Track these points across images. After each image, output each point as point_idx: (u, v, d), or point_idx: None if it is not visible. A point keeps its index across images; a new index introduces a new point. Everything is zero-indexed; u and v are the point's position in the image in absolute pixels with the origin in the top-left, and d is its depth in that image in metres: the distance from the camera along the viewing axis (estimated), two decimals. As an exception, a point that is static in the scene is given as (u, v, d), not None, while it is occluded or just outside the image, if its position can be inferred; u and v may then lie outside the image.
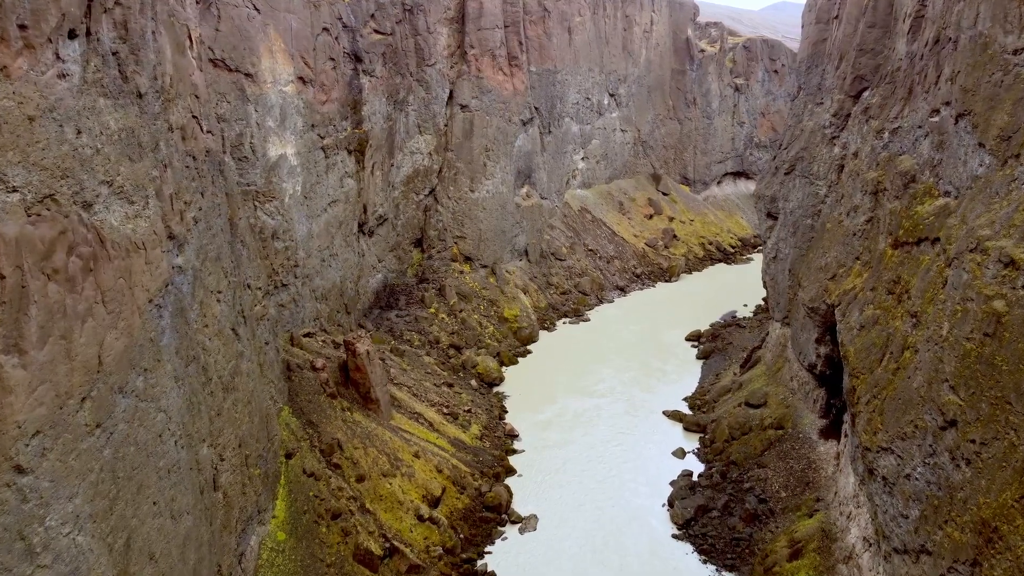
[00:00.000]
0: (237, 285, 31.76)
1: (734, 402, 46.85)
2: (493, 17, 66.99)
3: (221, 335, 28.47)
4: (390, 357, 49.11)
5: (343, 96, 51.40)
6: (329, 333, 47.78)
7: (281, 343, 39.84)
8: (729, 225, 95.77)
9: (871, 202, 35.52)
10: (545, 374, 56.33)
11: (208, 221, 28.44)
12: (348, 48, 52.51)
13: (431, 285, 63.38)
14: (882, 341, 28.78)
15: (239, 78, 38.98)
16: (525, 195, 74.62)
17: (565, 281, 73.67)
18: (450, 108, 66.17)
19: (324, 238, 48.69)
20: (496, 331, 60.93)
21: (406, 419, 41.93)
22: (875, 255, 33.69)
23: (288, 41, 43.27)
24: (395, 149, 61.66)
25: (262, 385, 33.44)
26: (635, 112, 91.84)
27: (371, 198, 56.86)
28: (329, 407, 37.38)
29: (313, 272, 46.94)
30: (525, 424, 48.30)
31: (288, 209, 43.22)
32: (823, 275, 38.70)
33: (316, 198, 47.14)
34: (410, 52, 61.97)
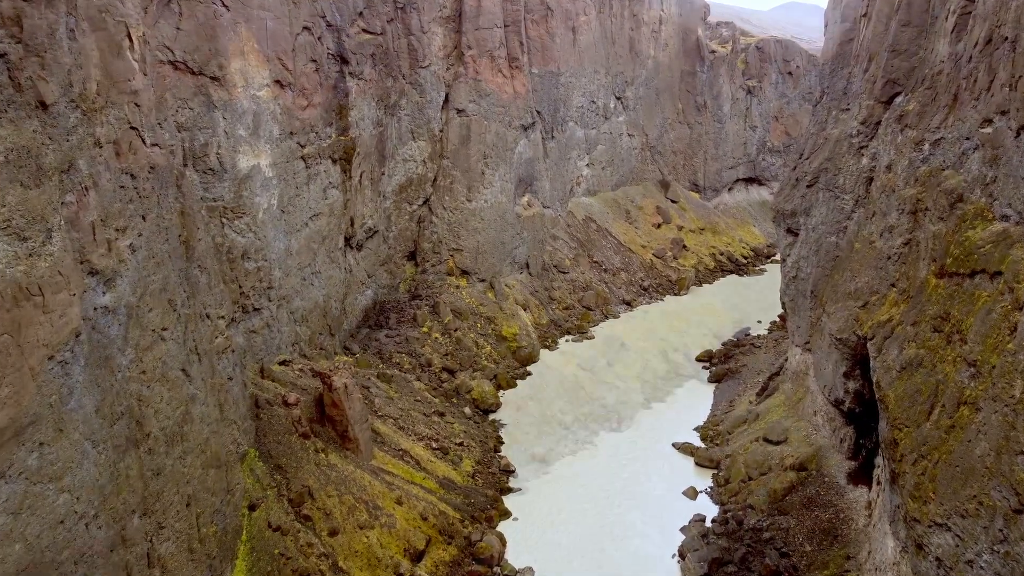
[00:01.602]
0: (191, 318, 27.96)
1: (750, 436, 42.85)
2: (492, 16, 63.17)
3: (165, 379, 24.66)
4: (376, 384, 45.29)
5: (327, 101, 47.63)
6: (309, 359, 43.99)
7: (250, 376, 36.06)
8: (741, 234, 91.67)
9: (909, 222, 31.51)
10: (545, 400, 52.41)
11: (151, 248, 24.62)
12: (333, 49, 48.72)
13: (424, 302, 59.55)
14: (929, 389, 24.80)
15: (204, 82, 35.22)
16: (526, 204, 70.80)
17: (568, 295, 69.77)
18: (446, 113, 62.38)
19: (305, 255, 44.91)
20: (493, 351, 57.06)
21: (390, 458, 38.07)
22: (915, 283, 29.69)
23: (263, 41, 39.49)
24: (386, 157, 57.89)
25: (222, 428, 29.64)
26: (643, 116, 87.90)
27: (359, 210, 53.05)
28: (301, 449, 33.58)
29: (292, 293, 43.15)
30: (522, 457, 44.43)
31: (262, 225, 39.44)
32: (852, 302, 34.70)
33: (295, 212, 43.36)
34: (403, 53, 58.19)
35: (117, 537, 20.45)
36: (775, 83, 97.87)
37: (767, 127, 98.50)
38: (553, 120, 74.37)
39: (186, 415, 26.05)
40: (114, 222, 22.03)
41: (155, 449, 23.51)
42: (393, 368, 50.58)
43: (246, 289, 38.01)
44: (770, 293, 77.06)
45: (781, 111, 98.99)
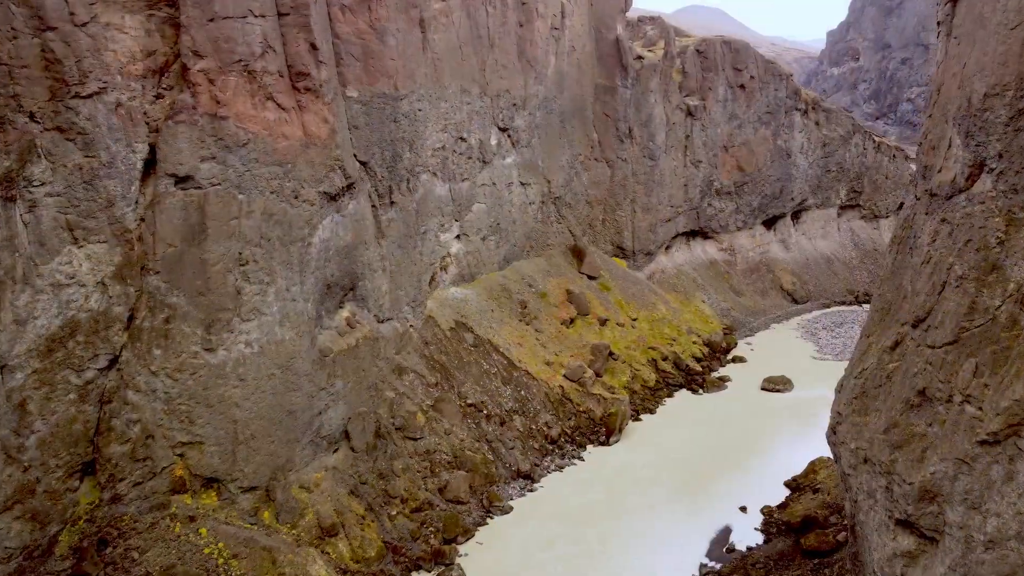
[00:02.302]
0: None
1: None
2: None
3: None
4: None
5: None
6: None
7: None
8: (688, 318, 64.06)
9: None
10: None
11: None
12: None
13: (116, 570, 29.13)
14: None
15: None
16: (344, 326, 40.83)
17: (421, 483, 40.21)
18: (150, 185, 31.89)
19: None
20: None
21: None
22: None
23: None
24: (6, 283, 27.06)
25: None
26: (541, 154, 59.13)
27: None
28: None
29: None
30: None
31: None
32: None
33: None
34: (33, 67, 27.57)
35: None
36: (723, 100, 70.91)
37: (714, 161, 71.44)
38: (392, 174, 44.67)
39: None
40: None
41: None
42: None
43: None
44: (749, 423, 49.71)
45: (731, 138, 72.12)
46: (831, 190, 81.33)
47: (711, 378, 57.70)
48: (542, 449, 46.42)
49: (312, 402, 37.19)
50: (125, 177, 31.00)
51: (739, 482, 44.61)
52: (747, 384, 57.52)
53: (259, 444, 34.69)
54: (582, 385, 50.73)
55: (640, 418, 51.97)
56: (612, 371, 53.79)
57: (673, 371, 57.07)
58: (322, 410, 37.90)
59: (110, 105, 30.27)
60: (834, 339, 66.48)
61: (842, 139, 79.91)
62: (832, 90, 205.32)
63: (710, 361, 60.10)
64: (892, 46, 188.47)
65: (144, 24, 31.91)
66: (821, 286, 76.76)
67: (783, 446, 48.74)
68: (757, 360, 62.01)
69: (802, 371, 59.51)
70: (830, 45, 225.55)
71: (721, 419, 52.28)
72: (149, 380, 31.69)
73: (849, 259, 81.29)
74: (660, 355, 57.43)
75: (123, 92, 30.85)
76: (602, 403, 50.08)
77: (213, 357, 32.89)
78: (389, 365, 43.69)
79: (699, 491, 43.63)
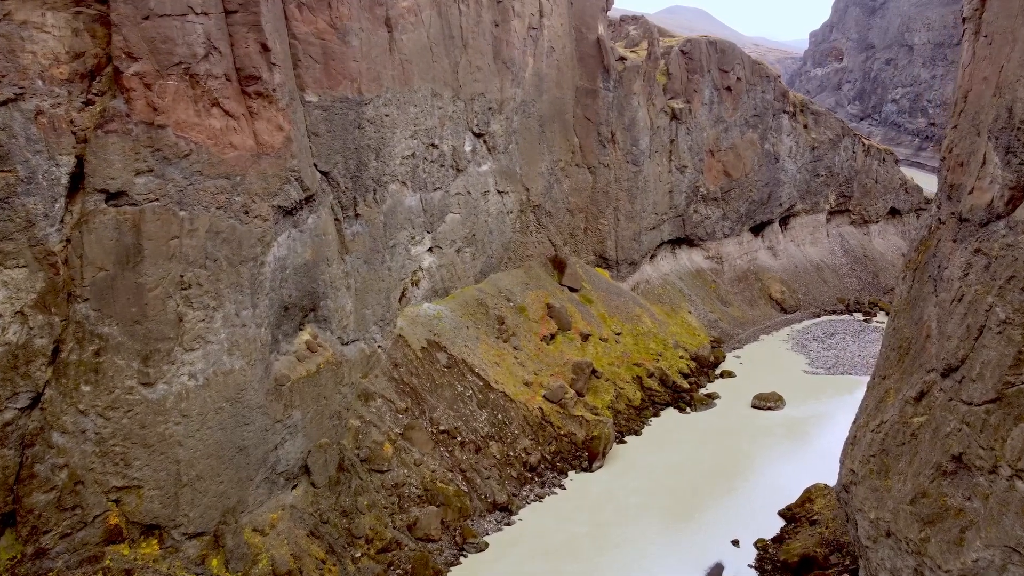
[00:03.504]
0: None
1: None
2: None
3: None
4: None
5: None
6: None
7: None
8: (674, 331, 61.26)
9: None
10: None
11: None
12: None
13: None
14: None
15: None
16: (302, 351, 37.62)
17: (388, 520, 37.11)
18: (78, 202, 28.59)
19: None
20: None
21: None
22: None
23: None
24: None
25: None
26: (520, 161, 56.18)
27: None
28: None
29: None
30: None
31: None
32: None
33: None
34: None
35: None
36: (709, 103, 68.25)
37: (700, 166, 68.78)
38: (357, 185, 41.51)
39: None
40: None
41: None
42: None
43: None
44: (738, 443, 46.97)
45: (717, 142, 69.49)
46: (820, 195, 78.87)
47: (699, 395, 54.91)
48: (520, 477, 43.43)
49: (266, 436, 33.98)
50: (48, 194, 27.68)
51: (731, 510, 41.92)
52: (737, 401, 54.84)
53: (206, 485, 31.45)
54: (563, 407, 47.78)
55: (625, 440, 49.12)
56: (595, 390, 50.89)
57: (659, 388, 54.23)
58: (278, 444, 34.70)
59: (28, 113, 26.95)
60: (825, 351, 63.92)
61: (831, 142, 77.48)
62: (816, 91, 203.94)
63: (698, 377, 57.32)
64: (876, 47, 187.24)
65: (70, 22, 28.62)
66: (810, 294, 74.26)
67: (776, 469, 46.07)
68: (746, 374, 59.34)
69: (793, 386, 56.89)
70: (813, 46, 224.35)
71: (710, 440, 49.55)
72: (77, 420, 28.38)
73: (839, 266, 78.86)
74: (645, 371, 54.58)
75: (44, 98, 27.54)
76: (584, 425, 47.16)
77: (151, 392, 29.61)
78: (354, 391, 40.52)
79: (688, 521, 40.85)
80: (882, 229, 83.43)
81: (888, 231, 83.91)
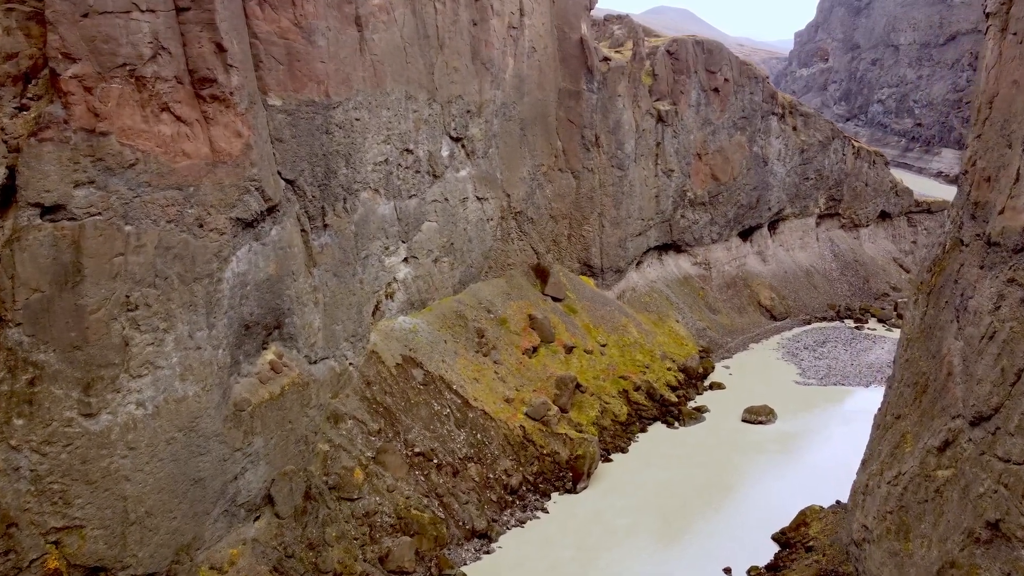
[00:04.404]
0: None
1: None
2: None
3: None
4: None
5: None
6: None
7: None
8: (661, 341, 59.18)
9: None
10: None
11: None
12: None
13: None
14: None
15: None
16: (268, 371, 35.19)
17: (357, 553, 34.74)
18: (11, 217, 26.08)
19: None
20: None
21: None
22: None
23: None
24: None
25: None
26: (500, 165, 53.93)
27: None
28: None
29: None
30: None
31: None
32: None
33: None
34: None
35: None
36: (696, 104, 66.26)
37: (687, 169, 66.77)
38: (325, 193, 39.10)
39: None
40: None
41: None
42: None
43: None
44: (728, 459, 44.88)
45: (705, 145, 67.51)
46: (809, 198, 77.08)
47: (687, 409, 52.85)
48: (501, 501, 41.17)
49: (224, 466, 31.56)
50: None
51: (722, 533, 39.90)
52: (726, 415, 52.84)
53: (157, 522, 29.01)
54: (546, 424, 45.55)
55: (611, 458, 46.99)
56: (579, 405, 48.71)
57: (646, 402, 52.11)
58: (238, 474, 32.29)
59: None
60: (817, 360, 62.06)
61: (821, 145, 75.70)
62: (802, 91, 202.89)
63: (686, 389, 55.25)
64: (861, 47, 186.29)
65: (1, 20, 26.10)
66: (800, 301, 72.41)
67: (768, 488, 44.08)
68: (736, 386, 57.37)
69: (785, 398, 54.96)
70: (799, 46, 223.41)
71: (700, 457, 47.51)
72: (10, 456, 25.87)
73: (829, 271, 77.09)
74: (632, 385, 52.45)
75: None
76: (568, 444, 44.96)
77: (94, 424, 27.14)
78: (323, 412, 38.12)
79: (678, 544, 38.81)
80: (872, 233, 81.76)
81: (879, 235, 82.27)
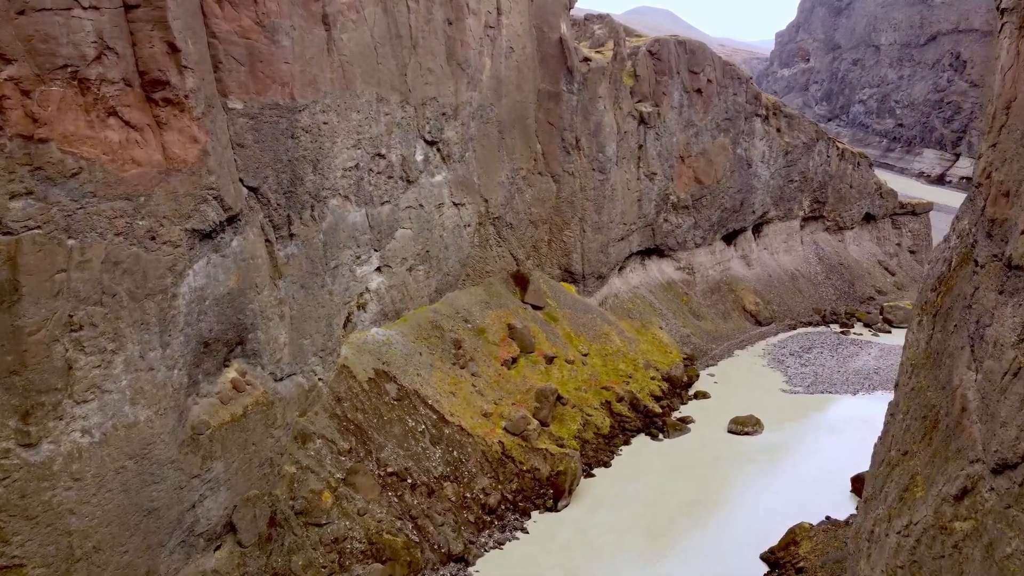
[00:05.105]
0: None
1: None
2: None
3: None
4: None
5: None
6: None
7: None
8: (645, 349, 57.61)
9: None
10: None
11: None
12: None
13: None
14: None
15: None
16: (229, 390, 33.20)
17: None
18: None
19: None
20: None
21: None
22: None
23: None
24: None
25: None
26: (478, 169, 52.15)
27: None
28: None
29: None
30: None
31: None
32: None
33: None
34: None
35: None
36: (679, 106, 64.79)
37: (669, 172, 65.30)
38: (292, 201, 37.13)
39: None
40: None
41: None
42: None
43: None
44: (715, 473, 43.27)
45: (688, 148, 66.06)
46: (794, 201, 75.88)
47: (672, 420, 51.27)
48: (478, 522, 39.37)
49: (181, 494, 29.56)
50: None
51: (709, 553, 38.32)
52: (712, 425, 51.35)
53: (106, 557, 26.97)
54: (526, 439, 43.81)
55: (593, 473, 45.31)
56: (560, 418, 47.01)
57: (630, 414, 50.51)
58: (196, 502, 30.29)
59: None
60: (803, 367, 60.75)
61: (805, 147, 74.51)
62: (783, 91, 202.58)
63: (670, 399, 53.70)
64: (842, 47, 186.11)
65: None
66: (785, 305, 71.15)
67: (756, 503, 42.59)
68: (722, 395, 55.92)
69: (771, 407, 53.57)
70: (780, 46, 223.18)
71: (685, 470, 45.95)
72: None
73: (814, 274, 75.92)
74: (615, 396, 50.82)
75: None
76: (549, 459, 43.25)
77: (34, 454, 25.06)
78: (290, 432, 36.17)
79: (665, 564, 37.22)
80: (857, 235, 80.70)
81: (863, 237, 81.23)
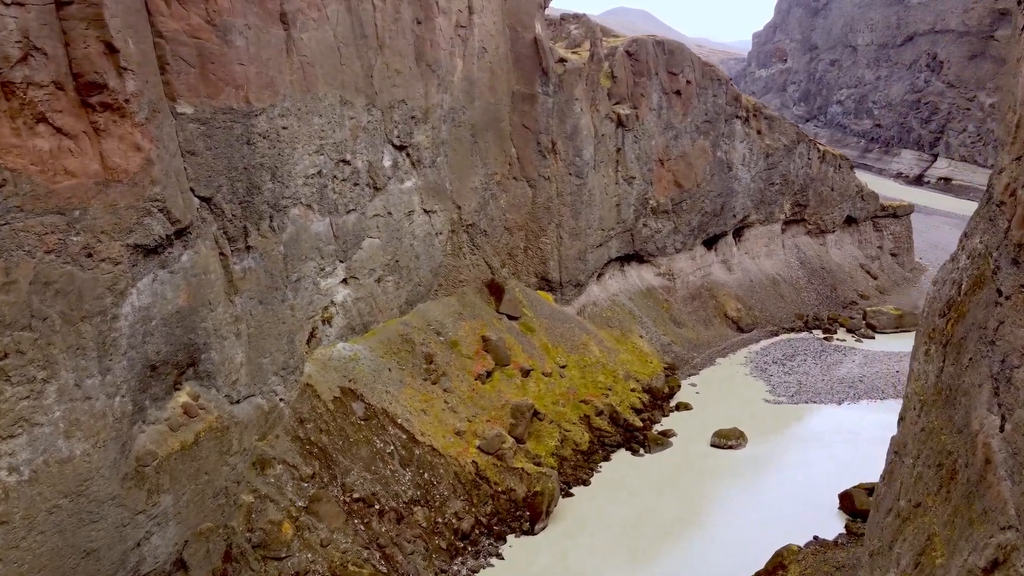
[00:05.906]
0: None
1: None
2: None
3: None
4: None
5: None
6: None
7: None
8: (625, 359, 55.78)
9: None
10: None
11: None
12: None
13: None
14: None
15: None
16: (179, 416, 30.87)
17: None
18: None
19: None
20: None
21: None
22: None
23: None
24: None
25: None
26: (450, 175, 50.05)
27: None
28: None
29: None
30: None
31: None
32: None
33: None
34: None
35: None
36: (657, 108, 63.08)
37: (648, 176, 63.56)
38: (248, 211, 34.85)
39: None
40: None
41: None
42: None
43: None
44: (698, 489, 41.46)
45: (667, 151, 64.37)
46: (775, 204, 74.49)
47: (653, 434, 49.46)
48: (451, 548, 37.27)
49: (124, 532, 27.22)
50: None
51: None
52: (694, 439, 49.64)
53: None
54: (501, 458, 41.79)
55: (572, 492, 43.37)
56: (537, 435, 45.04)
57: (609, 428, 48.64)
58: (141, 540, 27.95)
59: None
60: (787, 375, 59.23)
61: (786, 149, 73.13)
62: (761, 92, 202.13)
63: (651, 411, 51.89)
64: (819, 47, 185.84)
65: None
66: (767, 311, 69.69)
67: (741, 522, 40.83)
68: (704, 406, 54.24)
69: (755, 418, 51.96)
70: (757, 47, 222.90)
71: (667, 487, 44.16)
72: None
73: (796, 279, 74.56)
74: (594, 409, 48.93)
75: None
76: (526, 479, 41.24)
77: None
78: (248, 458, 33.87)
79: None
80: (838, 239, 79.50)
81: (845, 240, 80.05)
